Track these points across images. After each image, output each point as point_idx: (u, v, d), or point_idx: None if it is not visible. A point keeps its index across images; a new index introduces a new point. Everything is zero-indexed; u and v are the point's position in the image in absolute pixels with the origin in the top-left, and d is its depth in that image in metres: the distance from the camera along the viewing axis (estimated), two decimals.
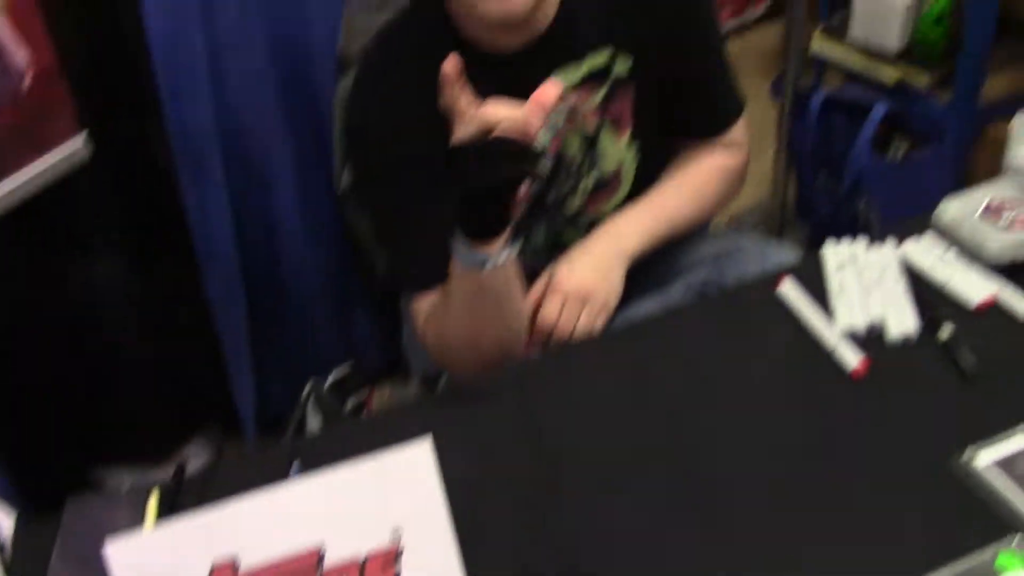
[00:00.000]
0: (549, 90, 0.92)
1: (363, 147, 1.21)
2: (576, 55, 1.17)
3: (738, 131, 1.31)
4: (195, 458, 1.96)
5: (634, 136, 1.24)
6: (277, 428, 1.96)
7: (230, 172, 1.70)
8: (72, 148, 1.37)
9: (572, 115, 1.21)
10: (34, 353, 1.70)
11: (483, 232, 1.00)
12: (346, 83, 1.56)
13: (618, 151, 1.25)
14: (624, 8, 1.17)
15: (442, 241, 1.10)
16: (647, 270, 1.28)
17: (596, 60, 1.18)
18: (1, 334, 1.63)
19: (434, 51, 1.16)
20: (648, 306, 1.26)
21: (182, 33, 1.53)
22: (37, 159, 1.32)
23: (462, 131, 0.94)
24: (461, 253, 1.02)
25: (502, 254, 1.02)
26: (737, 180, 1.33)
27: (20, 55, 1.28)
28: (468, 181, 0.95)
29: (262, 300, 1.87)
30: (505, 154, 0.92)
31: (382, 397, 1.67)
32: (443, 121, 1.16)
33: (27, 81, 1.30)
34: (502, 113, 0.91)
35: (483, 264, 1.02)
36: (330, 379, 1.70)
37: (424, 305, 1.18)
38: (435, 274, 1.14)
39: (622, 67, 1.19)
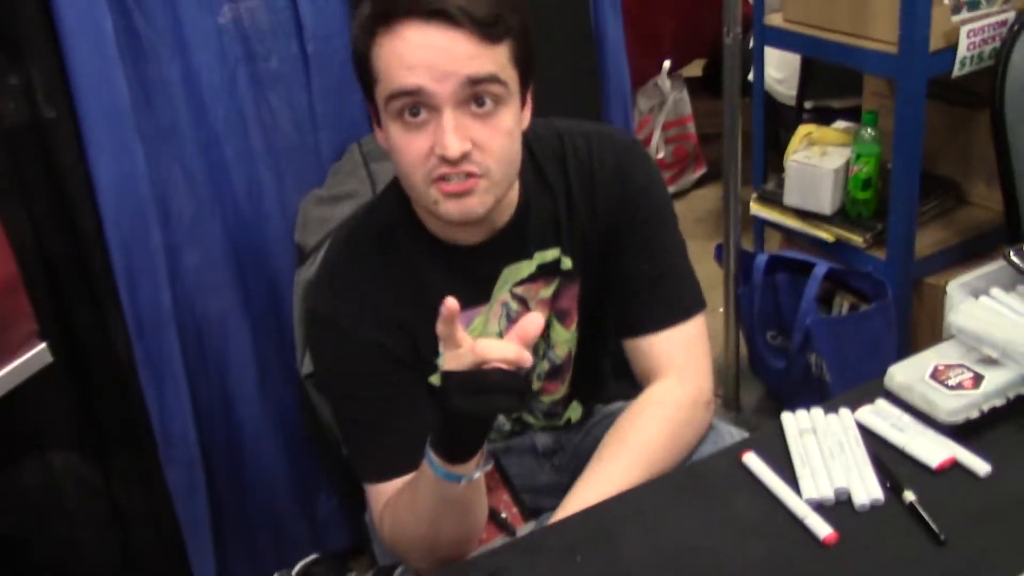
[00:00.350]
0: (531, 324, 0.95)
1: (325, 338, 1.23)
2: (527, 252, 1.23)
3: (691, 334, 1.24)
4: None
5: (579, 326, 1.29)
6: None
7: (188, 360, 1.71)
8: (32, 353, 1.38)
9: (524, 305, 1.25)
10: None
11: (462, 455, 1.02)
12: (304, 272, 1.60)
13: (567, 339, 1.30)
14: (570, 211, 1.23)
15: (402, 435, 1.11)
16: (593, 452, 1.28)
17: (545, 256, 1.23)
18: None
19: (396, 243, 1.21)
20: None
21: (140, 235, 1.57)
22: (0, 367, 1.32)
23: (455, 362, 0.95)
24: (436, 468, 1.03)
25: (476, 472, 1.03)
26: (696, 419, 1.22)
27: None
28: (460, 410, 0.95)
29: (223, 486, 1.85)
30: (500, 387, 0.94)
31: None
32: (406, 312, 1.19)
33: None
34: (497, 348, 0.93)
35: (458, 480, 1.03)
36: (296, 569, 1.66)
37: (382, 492, 1.18)
38: (395, 466, 1.16)
39: (567, 264, 1.25)
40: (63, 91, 1.49)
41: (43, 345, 1.40)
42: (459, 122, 1.04)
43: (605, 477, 1.15)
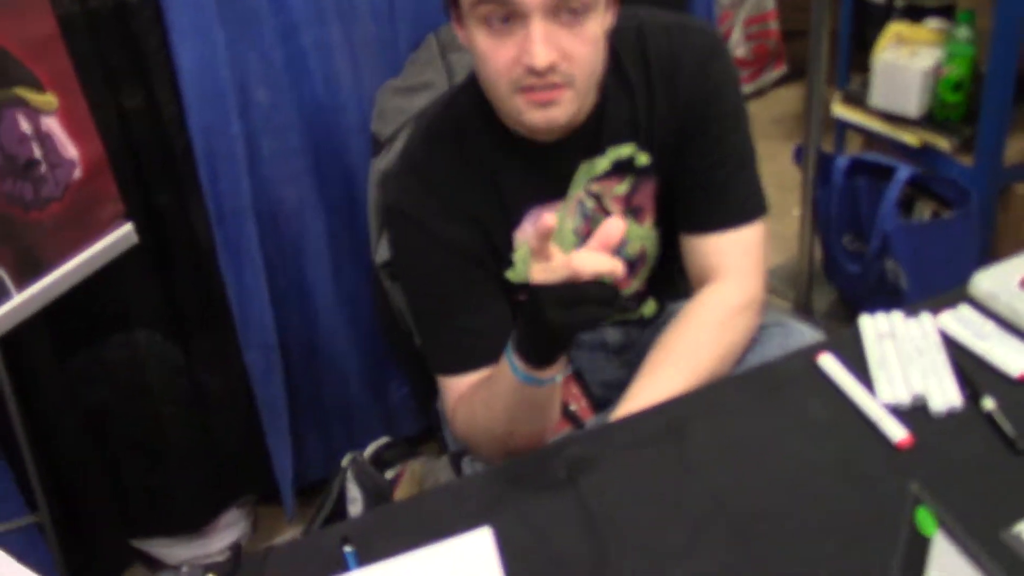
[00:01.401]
0: (613, 229, 0.94)
1: (402, 228, 1.24)
2: (602, 148, 1.21)
3: (743, 258, 1.23)
4: (231, 527, 1.97)
5: (656, 223, 1.28)
6: (312, 496, 1.98)
7: (266, 247, 1.74)
8: (119, 234, 1.42)
9: (599, 201, 1.24)
10: (78, 425, 1.73)
11: (548, 361, 1.02)
12: (380, 162, 1.60)
13: (641, 235, 1.29)
14: (649, 108, 1.21)
15: (475, 329, 1.12)
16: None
17: (620, 152, 1.22)
18: (46, 406, 1.67)
19: (473, 138, 1.20)
20: None
21: (220, 122, 1.59)
22: (87, 246, 1.36)
23: (546, 274, 0.95)
24: (518, 372, 1.03)
25: (556, 376, 1.04)
26: (743, 322, 1.21)
27: (72, 150, 1.32)
28: (556, 322, 0.95)
29: (299, 370, 1.90)
30: (594, 298, 0.94)
31: (413, 472, 1.69)
32: (481, 207, 1.20)
33: (78, 173, 1.34)
34: (591, 262, 0.92)
35: (540, 384, 1.04)
36: (369, 450, 1.72)
37: (456, 385, 1.20)
38: (468, 360, 1.17)
39: (643, 160, 1.23)
40: None
41: (129, 225, 1.44)
42: (547, 31, 1.02)
43: (651, 388, 1.15)
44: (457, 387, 1.20)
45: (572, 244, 1.26)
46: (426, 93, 1.58)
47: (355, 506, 1.66)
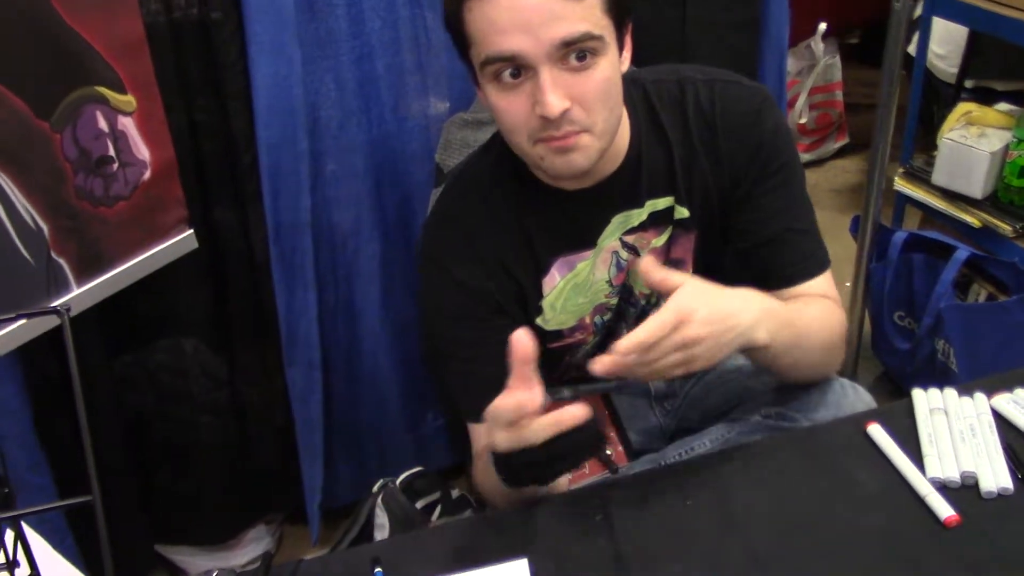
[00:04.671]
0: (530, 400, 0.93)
1: (430, 275, 1.24)
2: (639, 200, 1.21)
3: (826, 286, 1.22)
4: (256, 543, 1.97)
5: (695, 274, 1.27)
6: (338, 520, 1.98)
7: (319, 265, 1.76)
8: (180, 239, 1.44)
9: (635, 253, 1.24)
10: (118, 425, 1.74)
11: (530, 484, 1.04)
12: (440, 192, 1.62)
13: None
14: (688, 160, 1.20)
15: (496, 381, 1.12)
16: (715, 392, 1.27)
17: (657, 204, 1.22)
18: (92, 405, 1.68)
19: (504, 187, 1.21)
20: (721, 432, 1.26)
21: (288, 138, 1.61)
22: (149, 246, 1.39)
23: (510, 444, 0.95)
24: (504, 483, 1.04)
25: (542, 489, 1.06)
26: (842, 331, 1.21)
27: (144, 151, 1.35)
28: (524, 482, 1.00)
29: (337, 391, 1.91)
30: (576, 447, 0.94)
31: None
32: (511, 256, 1.20)
33: (148, 175, 1.37)
34: (568, 415, 0.92)
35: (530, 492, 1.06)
36: (401, 478, 1.71)
37: (478, 433, 1.20)
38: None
39: (683, 213, 1.22)
40: None
41: (190, 231, 1.46)
42: (556, 80, 1.03)
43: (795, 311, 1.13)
44: (479, 434, 1.20)
45: (603, 294, 1.26)
46: (491, 128, 1.59)
47: (381, 532, 1.65)
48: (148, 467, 1.82)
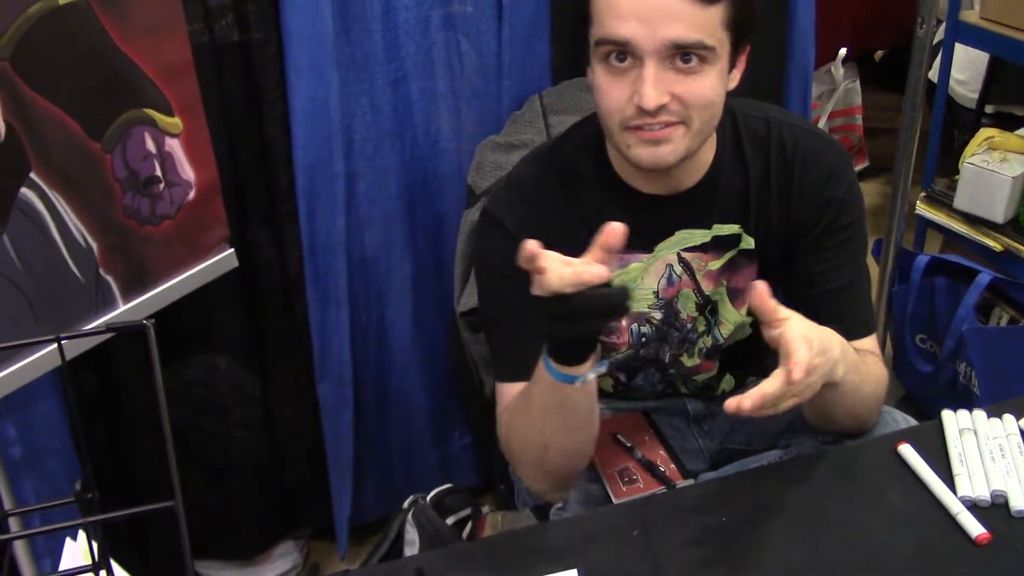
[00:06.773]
0: (614, 234, 0.97)
1: (489, 235, 1.26)
2: (706, 222, 1.24)
3: (873, 346, 1.24)
4: (283, 558, 1.99)
5: (751, 311, 1.28)
6: (365, 536, 2.00)
7: (353, 284, 1.79)
8: (221, 257, 1.47)
9: (688, 270, 1.26)
10: (150, 440, 1.77)
11: (573, 359, 1.05)
12: (472, 214, 1.65)
13: (736, 320, 1.30)
14: (763, 195, 1.23)
15: (536, 340, 1.11)
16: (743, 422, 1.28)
17: (722, 229, 1.24)
18: (132, 418, 1.71)
19: (578, 175, 1.24)
20: (776, 457, 1.27)
21: (325, 160, 1.65)
22: (193, 265, 1.42)
23: (540, 289, 0.97)
24: (551, 369, 1.06)
25: (588, 374, 1.06)
26: (885, 388, 1.24)
27: (190, 172, 1.39)
28: (555, 336, 1.02)
29: (367, 408, 1.93)
30: (592, 312, 0.97)
31: (495, 523, 1.70)
32: (571, 241, 1.22)
33: (192, 195, 1.40)
34: (577, 275, 0.95)
35: (571, 381, 1.06)
36: (431, 495, 1.73)
37: (508, 392, 1.22)
38: (524, 368, 1.16)
39: (749, 243, 1.25)
40: (272, 14, 1.57)
41: (231, 250, 1.50)
42: (660, 75, 1.06)
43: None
44: (509, 393, 1.22)
45: (647, 303, 1.28)
46: (524, 151, 1.63)
47: (411, 548, 1.67)
48: (181, 481, 1.84)
